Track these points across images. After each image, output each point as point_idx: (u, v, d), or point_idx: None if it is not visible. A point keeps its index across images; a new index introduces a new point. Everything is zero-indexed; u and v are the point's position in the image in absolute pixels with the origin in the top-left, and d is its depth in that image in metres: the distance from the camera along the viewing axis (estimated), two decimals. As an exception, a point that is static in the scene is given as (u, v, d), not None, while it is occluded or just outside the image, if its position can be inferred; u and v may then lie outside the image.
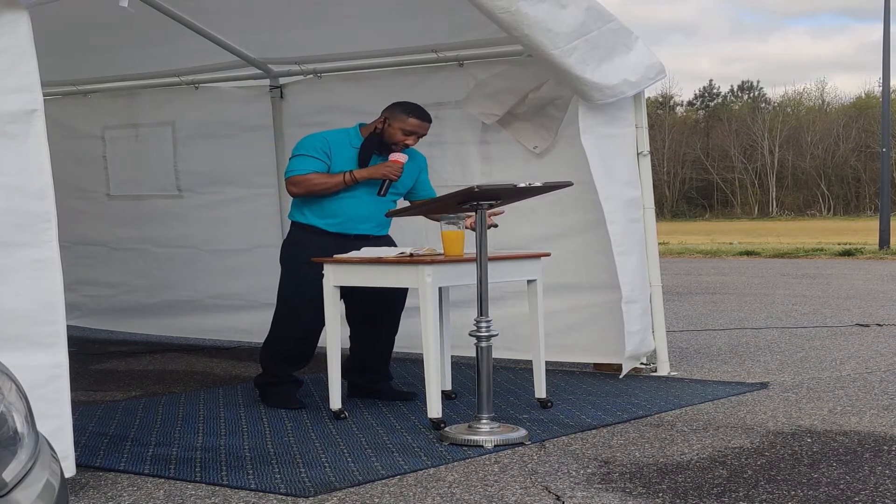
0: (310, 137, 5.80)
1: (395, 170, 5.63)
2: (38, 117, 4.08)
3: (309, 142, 5.74)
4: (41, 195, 4.09)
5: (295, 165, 5.67)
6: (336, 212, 5.70)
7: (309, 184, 5.62)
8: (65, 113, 8.69)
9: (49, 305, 4.09)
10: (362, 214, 5.73)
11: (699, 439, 4.89)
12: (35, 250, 4.07)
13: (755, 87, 73.10)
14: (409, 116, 5.67)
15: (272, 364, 5.85)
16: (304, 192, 5.65)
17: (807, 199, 63.11)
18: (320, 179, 5.62)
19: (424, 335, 5.12)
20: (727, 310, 10.99)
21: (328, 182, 5.62)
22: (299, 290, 5.72)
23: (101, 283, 8.86)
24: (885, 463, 4.40)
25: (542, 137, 6.73)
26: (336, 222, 5.71)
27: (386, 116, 5.71)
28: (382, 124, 5.69)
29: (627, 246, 6.41)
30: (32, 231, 4.07)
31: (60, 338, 4.10)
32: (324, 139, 5.72)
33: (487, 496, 3.97)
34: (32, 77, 4.07)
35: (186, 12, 7.06)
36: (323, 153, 5.66)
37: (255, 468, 4.42)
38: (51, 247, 4.10)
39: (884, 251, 21.87)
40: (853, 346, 8.09)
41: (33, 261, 4.06)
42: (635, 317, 6.45)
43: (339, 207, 5.69)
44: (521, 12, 5.62)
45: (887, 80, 24.28)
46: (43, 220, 4.09)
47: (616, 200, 6.37)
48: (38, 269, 4.07)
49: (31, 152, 4.07)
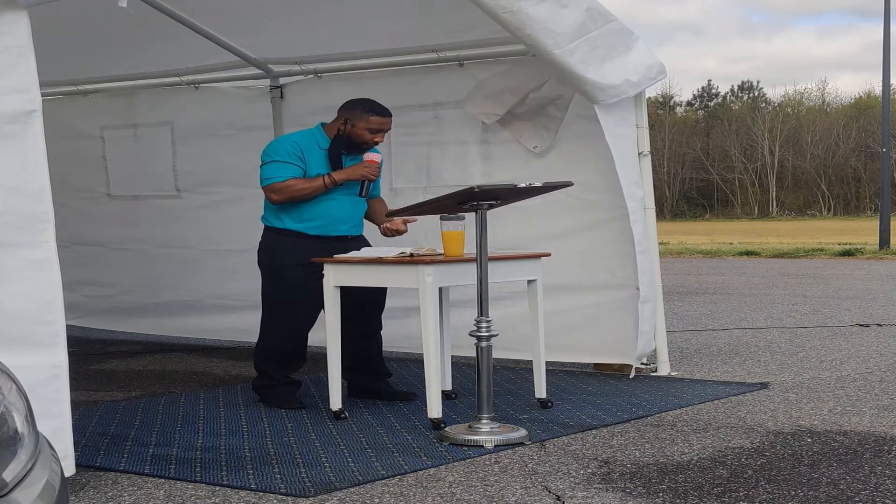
0: (279, 141, 5.79)
1: (373, 170, 5.67)
2: (36, 118, 4.08)
3: (280, 146, 5.71)
4: (39, 196, 4.09)
5: (272, 172, 5.63)
6: (316, 215, 5.70)
7: (291, 191, 5.60)
8: (65, 113, 8.69)
9: (48, 305, 4.09)
10: (341, 215, 5.74)
11: (699, 439, 4.89)
12: (34, 251, 4.07)
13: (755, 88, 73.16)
14: (370, 115, 5.66)
15: (267, 368, 5.86)
16: (286, 199, 5.63)
17: (807, 199, 63.12)
18: (301, 185, 5.60)
19: (424, 335, 5.12)
20: (727, 310, 10.99)
21: (309, 187, 5.61)
22: (286, 293, 5.72)
23: (101, 283, 8.86)
24: (885, 463, 4.40)
25: (542, 137, 6.73)
26: (316, 225, 5.70)
27: (346, 117, 5.69)
28: (345, 126, 5.68)
29: (645, 245, 6.43)
30: (31, 231, 4.07)
31: (60, 337, 4.10)
32: (294, 143, 5.69)
33: (487, 496, 3.97)
34: (31, 77, 4.07)
35: (187, 12, 7.06)
36: (297, 157, 5.64)
37: (255, 468, 4.42)
38: (49, 247, 4.10)
39: (884, 251, 21.87)
40: (853, 345, 8.09)
41: (32, 261, 4.06)
42: (647, 316, 6.46)
43: (318, 210, 5.69)
44: (523, 12, 5.62)
45: (887, 80, 24.28)
46: (41, 220, 4.09)
47: (635, 199, 6.38)
48: (37, 270, 4.07)
49: (29, 153, 4.07)
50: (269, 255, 5.82)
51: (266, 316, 5.87)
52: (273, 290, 5.80)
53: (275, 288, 5.79)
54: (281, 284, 5.74)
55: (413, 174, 7.23)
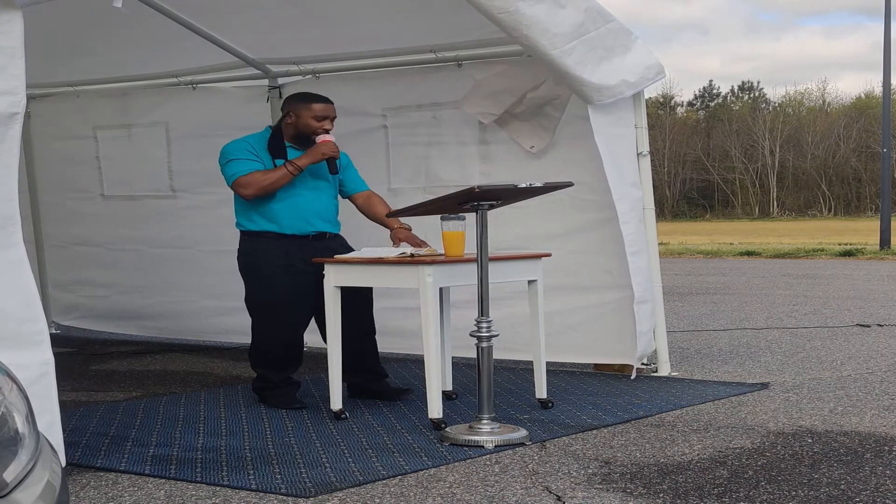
0: (232, 144, 5.81)
1: (331, 147, 5.67)
2: (17, 121, 4.08)
3: (234, 147, 5.75)
4: (9, 197, 4.11)
5: (234, 169, 5.67)
6: (287, 213, 5.71)
7: (257, 182, 5.62)
8: (58, 113, 8.68)
9: (30, 304, 4.11)
10: (312, 210, 5.75)
11: (700, 440, 4.89)
12: (8, 251, 4.10)
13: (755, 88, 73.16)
14: (311, 103, 5.73)
15: (265, 370, 5.86)
16: (256, 192, 5.64)
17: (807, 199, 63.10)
18: (265, 175, 5.63)
19: (425, 335, 5.12)
20: (728, 310, 10.99)
21: (273, 176, 5.63)
22: (272, 296, 5.71)
23: (98, 284, 8.84)
24: (885, 463, 4.40)
25: (539, 137, 6.73)
26: (290, 224, 5.71)
27: (289, 111, 5.77)
28: (292, 119, 5.73)
29: (639, 246, 6.43)
30: (2, 233, 4.08)
31: (45, 335, 4.15)
32: (245, 142, 5.75)
33: (488, 496, 3.97)
34: (19, 80, 4.05)
35: (185, 12, 7.06)
36: (252, 154, 5.68)
37: (255, 468, 4.42)
38: (20, 248, 4.14)
39: (884, 251, 21.86)
40: (854, 346, 8.09)
41: (8, 262, 4.09)
42: (645, 317, 6.46)
43: (289, 208, 5.71)
44: (520, 12, 5.62)
45: (888, 81, 24.28)
46: (11, 222, 4.12)
47: (627, 201, 6.38)
48: (14, 270, 4.10)
49: (4, 155, 4.07)
50: (247, 259, 5.82)
51: (254, 321, 5.87)
52: (256, 293, 5.80)
53: (257, 291, 5.78)
54: (263, 287, 5.74)
55: (411, 174, 7.23)
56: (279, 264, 5.65)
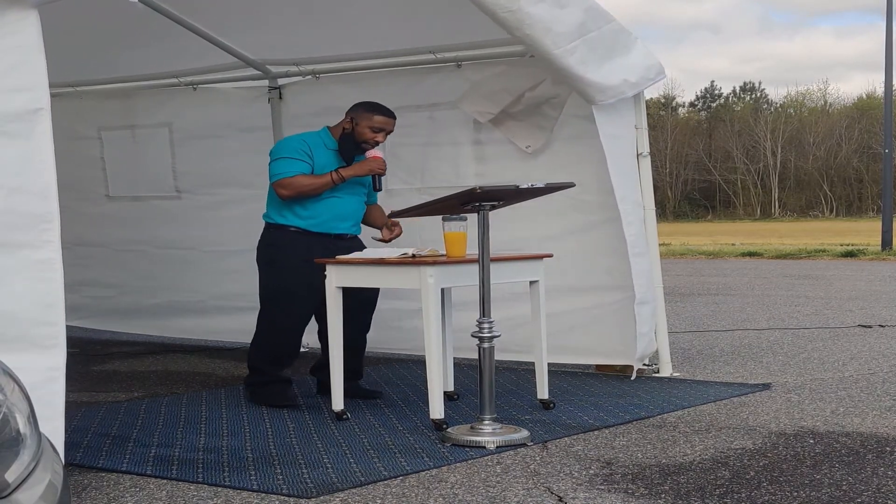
0: (288, 140, 5.89)
1: (381, 164, 5.79)
2: (42, 116, 4.04)
3: (289, 144, 5.82)
4: (43, 195, 4.06)
5: (281, 168, 5.72)
6: (319, 211, 5.77)
7: (299, 186, 5.69)
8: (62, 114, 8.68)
9: (49, 307, 4.05)
10: (343, 213, 5.83)
11: (701, 440, 4.88)
12: (35, 251, 4.03)
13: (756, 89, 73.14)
14: (374, 114, 5.80)
15: (263, 364, 5.88)
16: (294, 195, 5.71)
17: (809, 200, 63.11)
18: (309, 181, 5.70)
19: (426, 336, 5.12)
20: (729, 311, 10.99)
21: (316, 182, 5.70)
22: (284, 289, 5.76)
23: (102, 284, 8.85)
24: (887, 464, 4.40)
25: (535, 137, 6.72)
26: (318, 222, 5.78)
27: (352, 117, 5.84)
28: (350, 124, 5.80)
29: (641, 247, 6.43)
30: (33, 231, 4.03)
31: (60, 339, 4.05)
32: (302, 141, 5.81)
33: (490, 497, 3.97)
34: (39, 76, 4.03)
35: (185, 13, 7.06)
36: (305, 154, 5.74)
37: (257, 469, 4.42)
38: (52, 247, 4.06)
39: (886, 252, 21.86)
40: (856, 347, 8.08)
41: (33, 261, 4.02)
42: (646, 318, 6.46)
43: (322, 207, 5.77)
44: (523, 11, 5.62)
45: (890, 81, 24.27)
46: (45, 220, 4.05)
47: (630, 202, 6.38)
48: (39, 271, 4.02)
49: (34, 152, 4.04)
50: (268, 251, 5.87)
51: (263, 312, 5.90)
52: (271, 285, 5.83)
53: (273, 283, 5.82)
54: (279, 279, 5.78)
55: (408, 175, 7.24)
56: (301, 258, 5.69)
